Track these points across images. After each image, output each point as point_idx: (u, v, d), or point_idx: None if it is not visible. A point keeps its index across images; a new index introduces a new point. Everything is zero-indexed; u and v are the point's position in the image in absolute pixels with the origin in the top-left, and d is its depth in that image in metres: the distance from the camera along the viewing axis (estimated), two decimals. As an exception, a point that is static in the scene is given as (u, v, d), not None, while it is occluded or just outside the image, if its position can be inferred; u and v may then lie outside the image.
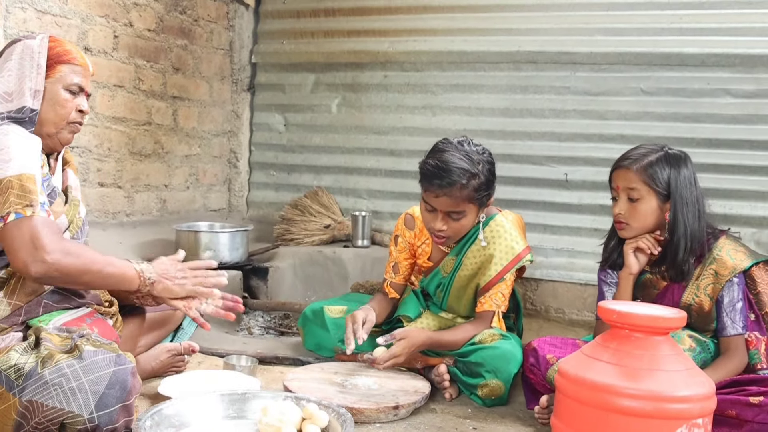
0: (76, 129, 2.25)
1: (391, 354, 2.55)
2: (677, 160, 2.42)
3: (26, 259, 1.94)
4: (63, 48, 2.21)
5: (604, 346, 1.97)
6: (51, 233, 1.99)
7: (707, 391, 1.88)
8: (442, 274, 2.81)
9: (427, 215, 2.65)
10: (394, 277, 2.92)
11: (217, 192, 4.81)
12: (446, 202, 2.55)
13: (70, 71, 2.20)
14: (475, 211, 2.63)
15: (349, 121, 4.60)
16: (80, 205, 2.34)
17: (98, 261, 2.07)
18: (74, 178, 2.37)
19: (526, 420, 2.41)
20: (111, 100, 3.80)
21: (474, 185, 2.53)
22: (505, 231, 2.71)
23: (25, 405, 1.79)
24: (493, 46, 4.15)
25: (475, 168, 2.53)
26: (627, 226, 2.46)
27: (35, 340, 1.94)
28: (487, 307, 2.70)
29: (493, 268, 2.68)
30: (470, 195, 2.54)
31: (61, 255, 1.97)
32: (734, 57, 3.67)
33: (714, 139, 3.72)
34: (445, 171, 2.50)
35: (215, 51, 4.66)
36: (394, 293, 2.93)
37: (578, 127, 3.98)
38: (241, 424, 2.16)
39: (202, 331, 3.08)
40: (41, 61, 2.15)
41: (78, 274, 2.01)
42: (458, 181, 2.50)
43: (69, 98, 2.20)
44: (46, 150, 2.21)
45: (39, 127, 2.16)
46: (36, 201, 1.99)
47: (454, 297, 2.80)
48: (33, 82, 2.14)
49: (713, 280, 2.41)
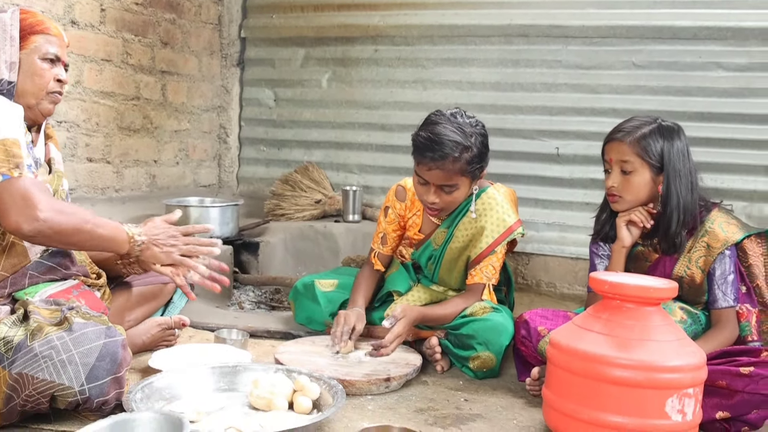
0: (56, 99, 2.23)
1: (395, 335, 2.54)
2: (670, 132, 2.41)
3: (18, 219, 1.94)
4: (35, 18, 2.19)
5: (596, 317, 1.98)
6: (41, 192, 1.99)
7: (698, 361, 1.89)
8: (434, 247, 2.80)
9: (419, 188, 2.63)
10: (381, 248, 2.91)
11: (207, 167, 4.79)
12: (439, 175, 2.53)
13: (44, 41, 2.18)
14: (468, 184, 2.61)
15: (339, 95, 4.58)
16: (63, 177, 2.32)
17: (90, 221, 2.07)
18: (56, 152, 2.35)
19: (518, 392, 2.42)
20: (99, 74, 3.75)
21: (466, 158, 2.52)
22: (497, 204, 2.70)
23: (15, 378, 1.79)
24: (484, 19, 4.11)
25: (467, 141, 2.51)
26: (620, 198, 2.45)
27: (23, 313, 1.93)
28: (478, 279, 2.69)
29: (484, 240, 2.67)
30: (463, 168, 2.52)
31: (53, 213, 1.97)
32: (726, 30, 3.66)
33: (706, 113, 3.71)
34: (437, 144, 2.48)
35: (204, 25, 4.61)
36: (380, 265, 2.91)
37: (570, 101, 3.97)
38: (233, 397, 2.16)
39: (193, 305, 3.09)
40: (14, 33, 2.13)
41: (70, 233, 2.02)
42: (451, 154, 2.48)
43: (46, 68, 2.18)
44: (27, 122, 2.19)
45: (19, 99, 2.14)
46: (23, 163, 1.98)
47: (446, 269, 2.79)
48: (7, 54, 2.11)
49: (705, 252, 2.40)
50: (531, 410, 2.25)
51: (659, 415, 1.83)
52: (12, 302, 2.06)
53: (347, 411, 2.14)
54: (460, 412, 2.22)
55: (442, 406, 2.26)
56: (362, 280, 2.87)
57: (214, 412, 2.02)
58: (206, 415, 1.98)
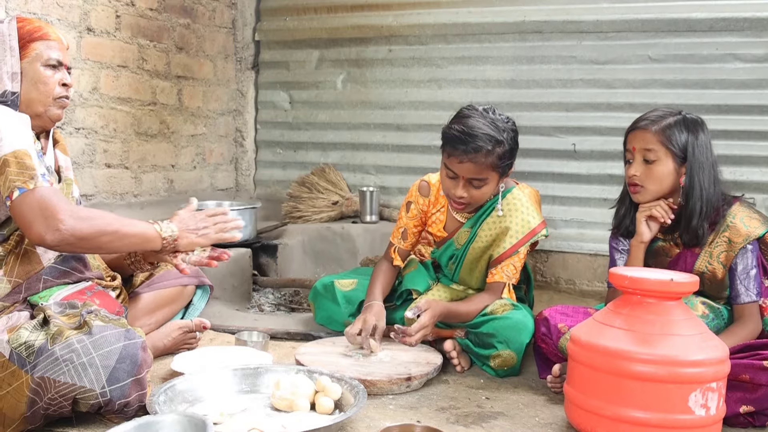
0: (64, 104, 2.24)
1: (420, 325, 2.52)
2: (695, 125, 2.39)
3: (40, 230, 1.96)
4: (33, 26, 2.19)
5: (616, 313, 1.97)
6: (59, 201, 2.01)
7: (721, 355, 1.88)
8: (456, 246, 2.79)
9: (448, 182, 2.61)
10: (402, 243, 2.89)
11: (224, 171, 4.80)
12: (470, 169, 2.52)
13: (45, 47, 2.17)
14: (497, 180, 2.60)
15: (354, 96, 4.58)
16: (73, 184, 2.34)
17: (114, 222, 2.10)
18: (65, 158, 2.36)
19: (539, 389, 2.41)
20: (115, 80, 3.78)
21: (499, 153, 2.51)
22: (522, 205, 2.69)
23: (38, 381, 1.81)
24: (497, 16, 4.10)
25: (500, 135, 2.51)
26: (642, 189, 2.42)
27: (43, 317, 1.95)
28: (498, 278, 2.69)
29: (508, 240, 2.66)
30: (494, 162, 2.52)
31: (74, 221, 1.99)
32: (743, 21, 3.62)
33: (723, 105, 3.68)
34: (470, 136, 2.48)
35: (218, 29, 4.63)
36: (399, 260, 2.90)
37: (586, 96, 3.95)
38: (255, 398, 2.16)
39: (213, 308, 3.12)
40: (13, 43, 2.13)
41: (94, 236, 2.04)
42: (484, 147, 2.48)
43: (50, 74, 2.18)
44: (36, 130, 2.20)
45: (26, 108, 2.14)
46: (36, 174, 1.99)
47: (467, 269, 2.79)
48: (8, 65, 2.12)
49: (727, 247, 2.38)
50: (553, 407, 2.24)
51: (682, 410, 1.82)
52: (29, 307, 2.07)
53: (369, 411, 2.14)
54: (481, 410, 2.21)
55: (463, 404, 2.26)
56: (380, 274, 2.85)
57: (237, 414, 2.03)
58: (229, 416, 1.99)
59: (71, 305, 2.03)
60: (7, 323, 1.96)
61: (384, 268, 2.89)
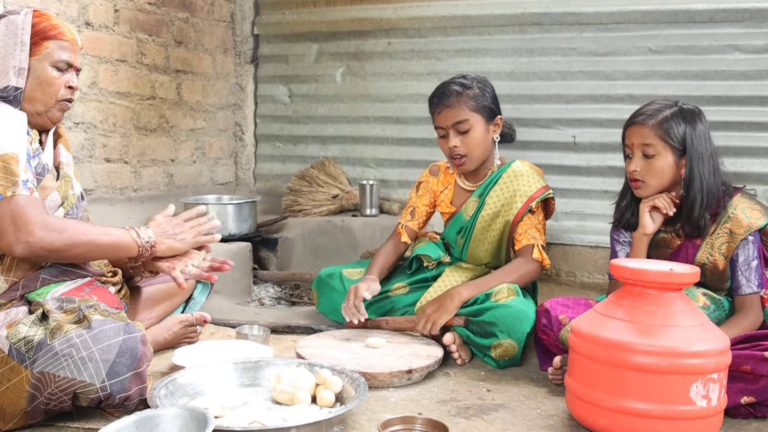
0: (65, 107, 2.20)
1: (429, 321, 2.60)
2: (692, 115, 2.38)
3: (10, 240, 1.93)
4: (49, 23, 2.15)
5: (617, 304, 1.96)
6: (33, 211, 1.95)
7: (722, 346, 1.87)
8: (464, 218, 2.86)
9: (441, 143, 2.81)
10: (409, 220, 3.00)
11: (224, 165, 4.80)
12: (449, 114, 2.74)
13: (57, 47, 2.13)
14: (482, 123, 2.76)
15: (354, 90, 4.57)
16: (73, 181, 2.29)
17: (87, 232, 2.05)
18: (66, 154, 2.32)
19: (540, 381, 2.41)
20: (114, 75, 3.77)
21: (470, 94, 2.74)
22: (526, 171, 2.82)
23: (37, 376, 1.80)
24: (497, 9, 4.09)
25: (467, 82, 2.78)
26: (643, 184, 2.41)
27: (42, 312, 1.94)
28: (525, 241, 2.76)
29: (519, 200, 2.76)
30: (469, 103, 2.73)
31: (44, 232, 1.95)
32: (743, 12, 3.61)
33: (724, 96, 3.67)
34: (441, 89, 2.79)
35: (217, 23, 4.62)
36: (406, 236, 2.99)
37: (585, 88, 3.94)
38: (256, 392, 2.16)
39: (214, 302, 3.12)
40: (25, 38, 2.09)
41: (66, 248, 2.00)
42: (453, 91, 2.74)
43: (57, 76, 2.14)
44: (36, 127, 2.17)
45: (27, 105, 2.11)
46: (17, 181, 1.94)
47: (476, 241, 2.84)
48: (17, 59, 2.08)
49: (728, 239, 2.37)
50: (554, 399, 2.24)
51: (684, 401, 1.82)
52: (27, 303, 2.05)
53: (370, 403, 2.15)
54: (483, 402, 2.21)
55: (464, 396, 2.26)
56: (381, 253, 2.98)
57: (238, 407, 2.03)
58: (230, 410, 1.98)
59: (69, 300, 2.02)
60: (6, 319, 1.95)
61: (387, 247, 3.00)
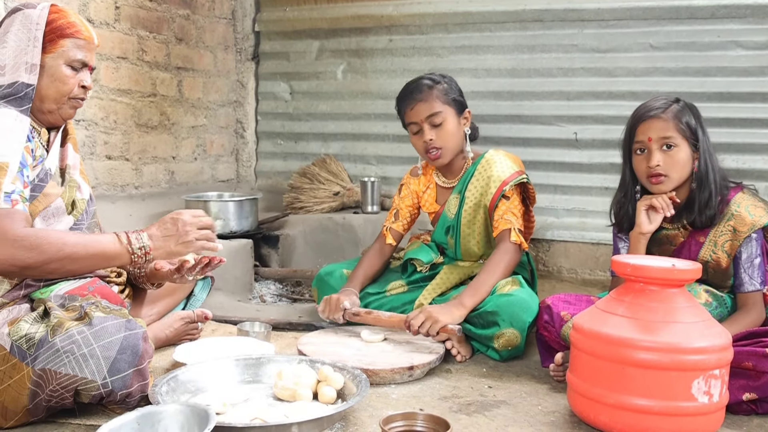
0: (78, 104, 2.18)
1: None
2: (696, 110, 2.41)
3: None
4: (66, 20, 2.11)
5: (619, 300, 1.96)
6: (11, 225, 1.87)
7: (724, 342, 1.87)
8: (449, 216, 2.88)
9: (415, 139, 2.85)
10: (393, 222, 3.02)
11: (225, 162, 4.80)
12: (421, 108, 2.78)
13: (73, 46, 2.11)
14: (454, 116, 2.81)
15: (355, 87, 4.57)
16: (81, 184, 2.26)
17: (66, 246, 1.93)
18: (74, 156, 2.28)
19: (542, 378, 2.41)
20: (115, 72, 3.77)
21: (440, 88, 2.80)
22: (498, 158, 2.85)
23: (39, 374, 1.80)
24: (498, 5, 4.08)
25: (436, 77, 2.85)
26: (666, 178, 2.37)
27: (44, 309, 1.94)
28: (502, 226, 2.76)
29: (493, 185, 2.78)
30: (438, 96, 2.79)
31: (14, 250, 1.86)
32: (744, 8, 3.60)
33: (725, 93, 3.66)
34: (411, 85, 2.87)
35: (218, 20, 4.61)
36: (391, 239, 3.00)
37: (587, 85, 3.93)
38: (257, 388, 2.17)
39: (215, 299, 3.12)
40: (38, 34, 2.05)
41: (39, 265, 1.90)
42: (423, 86, 2.81)
43: (71, 74, 2.12)
44: (46, 125, 2.15)
45: (39, 102, 2.09)
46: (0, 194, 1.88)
47: (465, 236, 2.85)
48: (29, 55, 2.04)
49: (731, 236, 2.37)
50: (555, 395, 2.24)
51: (685, 397, 1.82)
52: (29, 301, 2.04)
53: (371, 400, 2.15)
54: (484, 398, 2.21)
55: (466, 393, 2.26)
56: (365, 260, 2.98)
57: (240, 404, 2.03)
58: (232, 406, 1.98)
59: (71, 298, 2.01)
60: (8, 316, 1.94)
61: (371, 253, 3.00)
